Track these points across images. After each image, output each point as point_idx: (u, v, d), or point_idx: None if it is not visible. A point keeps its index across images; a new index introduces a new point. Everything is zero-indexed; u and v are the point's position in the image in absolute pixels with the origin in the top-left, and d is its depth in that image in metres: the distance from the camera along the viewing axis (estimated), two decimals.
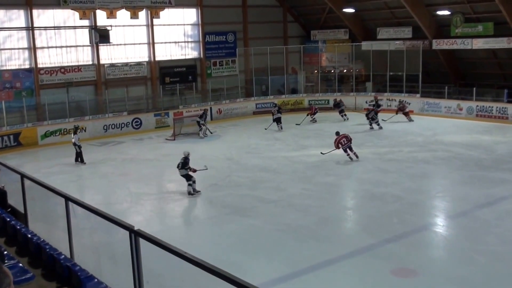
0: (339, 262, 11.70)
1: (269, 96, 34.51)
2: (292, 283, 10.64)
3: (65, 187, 6.87)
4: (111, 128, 28.44)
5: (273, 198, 16.37)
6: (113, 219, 5.32)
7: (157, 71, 32.33)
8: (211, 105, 32.06)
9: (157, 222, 15.24)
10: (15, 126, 26.05)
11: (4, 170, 8.95)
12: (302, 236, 13.20)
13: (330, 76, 36.65)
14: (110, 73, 30.61)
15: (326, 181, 18.24)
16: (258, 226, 14.00)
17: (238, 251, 12.26)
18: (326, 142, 23.66)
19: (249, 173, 19.61)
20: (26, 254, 6.24)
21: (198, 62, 34.23)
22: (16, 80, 27.69)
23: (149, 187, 18.85)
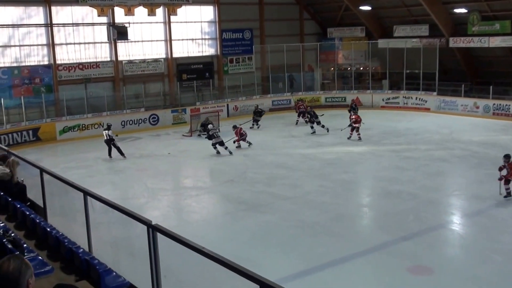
0: (355, 259, 11.68)
1: (285, 93, 34.51)
2: (307, 280, 10.66)
3: (83, 182, 6.94)
4: (128, 124, 28.64)
5: (289, 195, 16.38)
6: (131, 214, 5.38)
7: (174, 67, 32.45)
8: (227, 102, 32.15)
9: (173, 217, 15.34)
10: (34, 122, 26.35)
11: (23, 164, 9.06)
12: (318, 233, 13.21)
13: (346, 73, 36.53)
14: (127, 69, 30.80)
15: (342, 178, 18.22)
16: (274, 223, 14.03)
17: (253, 247, 12.30)
18: (342, 140, 23.65)
19: (265, 169, 19.64)
20: (45, 247, 6.32)
21: (215, 59, 34.30)
22: (35, 76, 27.99)
23: (166, 183, 18.97)
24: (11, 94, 27.09)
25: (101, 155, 22.19)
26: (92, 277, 5.27)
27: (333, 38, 37.25)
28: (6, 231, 5.88)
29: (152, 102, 30.85)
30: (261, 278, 3.85)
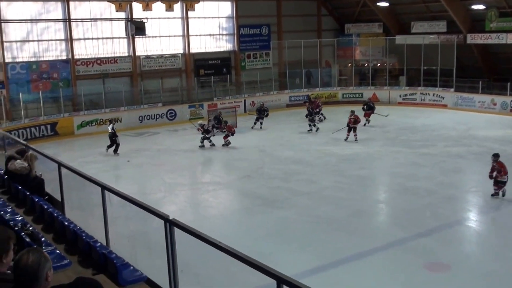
0: (371, 255, 11.63)
1: (302, 89, 34.41)
2: (322, 276, 10.64)
3: (100, 177, 6.99)
4: (146, 119, 28.78)
5: (305, 190, 16.37)
6: (148, 208, 5.40)
7: (191, 63, 32.52)
8: (245, 98, 32.16)
9: (190, 212, 15.40)
10: (52, 116, 26.59)
11: (41, 158, 9.14)
12: (334, 229, 13.19)
13: (363, 69, 36.34)
14: (145, 64, 30.94)
15: (359, 174, 18.15)
16: (290, 218, 14.03)
17: (270, 242, 12.30)
18: (358, 135, 23.50)
19: (281, 165, 19.62)
20: (63, 241, 6.35)
21: (232, 54, 34.32)
22: (53, 71, 28.23)
23: (183, 178, 19.05)
24: (29, 89, 27.34)
25: (120, 150, 22.30)
26: (109, 271, 5.29)
27: (350, 34, 37.07)
28: (25, 225, 5.94)
29: (169, 97, 30.95)
30: (278, 273, 3.84)
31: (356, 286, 10.24)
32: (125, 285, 5.09)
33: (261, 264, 4.03)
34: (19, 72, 27.25)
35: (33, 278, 3.21)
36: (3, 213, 6.49)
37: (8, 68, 26.90)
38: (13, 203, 7.88)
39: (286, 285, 3.77)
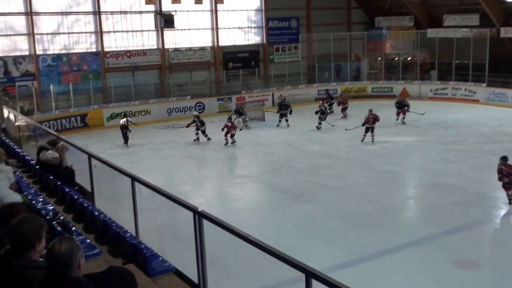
0: (399, 251, 11.53)
1: (331, 82, 34.18)
2: (349, 271, 10.53)
3: (128, 168, 7.01)
4: (174, 111, 28.93)
5: (333, 185, 16.27)
6: (177, 200, 5.41)
7: (220, 56, 32.56)
8: (273, 91, 32.08)
9: (218, 204, 15.42)
10: (82, 108, 26.92)
11: (72, 149, 9.24)
12: (362, 224, 13.06)
13: (394, 63, 35.88)
14: (174, 57, 31.06)
15: (388, 169, 17.95)
16: (317, 212, 13.96)
17: (297, 236, 12.24)
18: (388, 130, 23.29)
19: (309, 159, 19.54)
20: (93, 231, 6.43)
21: (261, 47, 34.23)
22: (83, 63, 28.54)
23: (211, 170, 19.11)
24: (60, 81, 27.70)
25: (147, 142, 22.49)
26: (139, 261, 5.33)
27: (381, 28, 36.60)
28: (56, 214, 6.00)
29: (198, 90, 31.04)
30: (307, 266, 3.82)
31: (384, 282, 10.14)
32: (154, 275, 5.13)
33: (291, 257, 4.00)
34: (49, 64, 27.62)
35: (66, 266, 3.25)
36: (35, 202, 6.57)
37: (39, 60, 27.29)
38: (44, 192, 7.99)
39: (314, 278, 3.75)
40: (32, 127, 14.08)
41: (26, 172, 9.55)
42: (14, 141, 13.42)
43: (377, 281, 10.14)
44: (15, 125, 15.62)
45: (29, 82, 26.90)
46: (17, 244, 3.60)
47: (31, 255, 3.62)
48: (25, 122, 15.04)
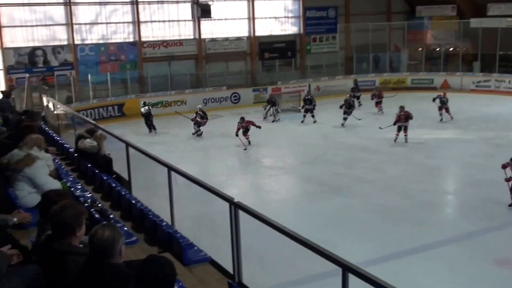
0: (437, 248, 11.25)
1: (369, 74, 33.72)
2: (385, 266, 10.32)
3: (164, 158, 7.04)
4: (210, 102, 29.00)
5: (370, 178, 16.03)
6: (214, 190, 5.39)
7: (256, 46, 32.46)
8: (309, 82, 31.84)
9: (252, 196, 15.35)
10: (119, 97, 27.23)
11: (109, 138, 9.32)
12: (399, 219, 12.83)
13: (435, 54, 35.12)
14: (210, 47, 31.12)
15: (427, 163, 17.59)
16: (353, 206, 13.77)
17: (331, 230, 12.09)
18: (427, 122, 22.85)
19: (345, 151, 19.33)
20: (130, 219, 6.47)
21: (298, 38, 33.98)
22: (120, 53, 28.85)
23: (245, 161, 19.09)
24: (97, 70, 28.07)
25: (182, 132, 22.58)
26: (174, 250, 5.34)
27: (422, 17, 35.83)
28: (94, 201, 6.06)
29: (233, 81, 31.04)
30: (344, 261, 3.78)
31: (421, 278, 9.95)
32: (189, 265, 5.14)
33: (326, 251, 3.96)
34: (87, 54, 28.00)
35: (108, 252, 3.32)
36: (73, 190, 6.64)
37: (78, 50, 27.70)
38: (82, 180, 8.08)
39: (351, 273, 3.71)
40: (71, 116, 14.28)
41: (65, 160, 9.69)
42: (53, 129, 13.63)
43: (413, 277, 9.95)
44: (54, 113, 15.86)
45: (68, 71, 27.35)
46: (58, 230, 3.67)
47: (71, 241, 3.68)
48: (64, 111, 15.26)
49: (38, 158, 5.97)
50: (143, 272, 2.98)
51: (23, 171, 5.82)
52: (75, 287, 3.36)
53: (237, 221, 5.05)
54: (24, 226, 5.09)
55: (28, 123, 7.19)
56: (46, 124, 14.45)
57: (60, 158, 9.65)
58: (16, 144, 6.19)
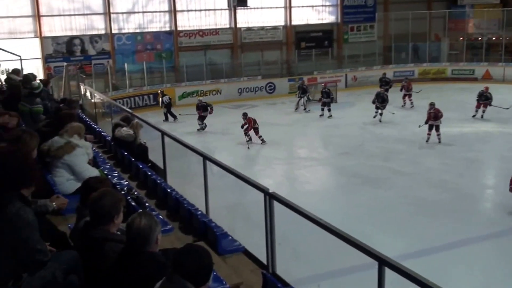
0: (476, 243, 11.03)
1: (408, 64, 33.13)
2: (422, 261, 10.13)
3: (199, 147, 7.05)
4: (245, 91, 29.00)
5: (407, 171, 15.79)
6: (249, 181, 5.37)
7: (292, 35, 32.27)
8: (346, 72, 31.51)
9: (286, 186, 15.30)
10: (155, 86, 27.43)
11: (145, 127, 9.38)
12: (437, 213, 12.59)
13: (476, 44, 34.25)
14: (246, 36, 31.07)
15: (467, 156, 17.23)
16: (389, 198, 13.58)
17: (367, 223, 11.92)
18: (469, 115, 22.36)
19: (383, 143, 19.07)
20: (165, 207, 6.50)
21: (335, 27, 33.64)
22: (156, 42, 29.08)
23: (280, 152, 19.01)
24: (134, 59, 28.37)
25: (217, 121, 22.62)
26: (209, 239, 5.34)
27: (463, 5, 35.05)
28: (130, 189, 6.09)
29: (269, 70, 30.95)
30: (380, 254, 3.74)
31: (458, 273, 9.76)
32: (224, 254, 5.15)
33: (363, 244, 3.91)
34: (124, 43, 28.31)
35: (145, 240, 3.34)
36: (110, 177, 6.69)
37: (115, 39, 28.02)
38: (119, 168, 8.15)
39: (388, 267, 3.66)
40: (107, 104, 14.44)
41: (102, 148, 9.79)
42: (90, 117, 13.81)
43: (451, 272, 9.76)
44: (91, 102, 16.07)
45: (105, 60, 27.72)
46: (97, 217, 3.70)
47: (109, 228, 3.72)
48: (101, 99, 15.45)
49: (78, 146, 6.04)
50: (180, 261, 2.98)
51: (62, 158, 5.90)
52: (112, 273, 3.39)
53: (272, 212, 5.03)
54: (62, 212, 5.15)
55: (68, 111, 7.26)
56: (83, 112, 14.65)
57: (97, 146, 9.76)
58: (56, 132, 6.26)
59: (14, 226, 3.44)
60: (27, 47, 24.76)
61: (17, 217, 3.45)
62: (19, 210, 3.47)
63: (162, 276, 3.08)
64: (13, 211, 3.45)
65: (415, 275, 3.44)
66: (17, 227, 3.44)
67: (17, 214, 3.46)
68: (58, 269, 3.62)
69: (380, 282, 3.73)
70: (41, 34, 26.52)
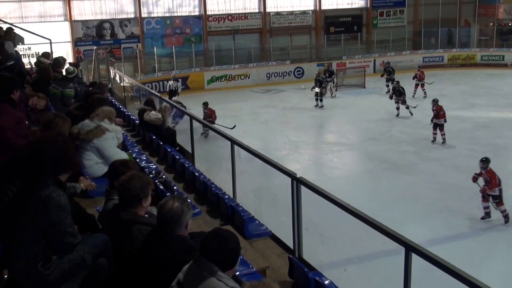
0: (505, 230, 10.93)
1: (438, 49, 32.61)
2: (450, 246, 10.11)
3: (226, 131, 7.09)
4: (273, 76, 28.93)
5: (435, 157, 15.65)
6: (276, 165, 5.39)
7: (321, 20, 32.01)
8: (375, 57, 31.18)
9: (313, 171, 15.30)
10: (183, 71, 27.53)
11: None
12: (465, 199, 12.45)
13: (506, 29, 33.53)
14: (275, 21, 30.93)
15: (495, 143, 16.97)
16: (417, 184, 13.50)
17: (394, 208, 11.88)
18: (498, 102, 21.97)
19: (410, 129, 18.89)
20: (193, 191, 6.56)
21: (365, 11, 33.26)
22: (186, 27, 29.14)
23: (308, 136, 18.99)
24: (163, 43, 28.50)
25: (246, 106, 22.66)
26: (236, 223, 5.39)
27: None
28: (158, 173, 6.16)
29: (297, 55, 30.79)
30: (407, 240, 3.73)
31: (486, 259, 9.69)
32: (251, 238, 5.18)
33: (390, 229, 3.91)
34: (154, 27, 28.44)
35: (175, 223, 3.37)
36: (139, 161, 6.77)
37: (144, 23, 28.16)
38: (147, 151, 8.23)
39: (414, 253, 3.66)
40: (136, 88, 14.57)
41: (130, 131, 9.88)
42: (119, 101, 13.94)
43: (478, 258, 9.70)
44: (121, 85, 16.22)
45: (134, 44, 27.89)
46: (125, 200, 3.75)
47: (137, 210, 3.76)
48: (130, 83, 15.58)
49: (108, 130, 6.09)
50: (208, 244, 3.00)
51: (92, 141, 5.96)
52: (140, 254, 3.44)
53: (299, 197, 5.04)
54: (91, 195, 5.23)
55: (100, 95, 7.34)
56: (112, 95, 14.79)
57: (126, 129, 9.86)
58: (87, 115, 6.33)
59: (46, 209, 3.49)
60: (57, 31, 24.96)
61: (50, 200, 3.51)
62: (52, 193, 3.52)
63: (190, 259, 3.11)
64: (46, 193, 3.51)
65: (442, 261, 3.44)
66: (49, 210, 3.49)
67: (49, 197, 3.51)
68: (87, 252, 3.66)
69: (406, 267, 3.74)
70: (71, 18, 26.80)
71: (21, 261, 3.51)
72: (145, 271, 3.38)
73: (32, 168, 3.69)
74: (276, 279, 4.43)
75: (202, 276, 2.97)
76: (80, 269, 3.67)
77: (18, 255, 3.52)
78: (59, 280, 3.59)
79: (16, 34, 11.79)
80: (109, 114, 6.33)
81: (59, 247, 3.59)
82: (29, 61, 16.38)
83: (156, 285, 3.27)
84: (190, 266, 3.08)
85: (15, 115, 5.76)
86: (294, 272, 4.43)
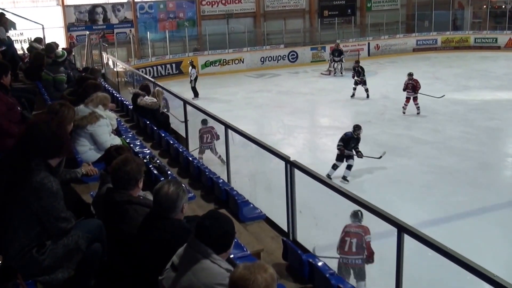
0: (496, 211, 11.01)
1: (432, 32, 32.57)
2: (443, 228, 10.17)
3: (221, 116, 7.09)
4: (267, 60, 28.86)
5: (429, 139, 15.71)
6: (270, 149, 5.42)
7: (315, 3, 31.90)
8: (369, 40, 31.11)
9: (308, 155, 15.32)
10: (177, 55, 27.43)
11: (167, 95, 9.43)
12: (458, 181, 12.56)
13: (500, 12, 33.48)
14: (269, 5, 30.80)
15: (488, 125, 17.06)
16: (411, 167, 13.56)
17: (388, 191, 11.96)
18: (491, 84, 22.03)
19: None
20: (187, 175, 6.57)
21: None
22: (179, 11, 28.97)
23: (302, 121, 18.99)
24: (156, 28, 28.37)
25: (240, 90, 22.64)
26: (230, 207, 5.42)
27: None
28: (152, 158, 6.17)
29: (291, 39, 30.70)
30: (399, 221, 3.79)
31: (478, 241, 9.73)
32: (245, 221, 5.21)
33: (382, 211, 3.96)
34: (147, 12, 28.28)
35: (171, 207, 3.42)
36: (133, 146, 6.78)
37: (137, 8, 27.99)
38: (141, 136, 8.23)
39: (406, 233, 3.71)
40: (130, 73, 14.52)
41: (124, 117, 9.86)
42: (112, 86, 13.91)
43: (470, 239, 9.74)
44: (114, 70, 16.17)
45: (127, 29, 27.73)
46: (120, 182, 3.77)
47: (133, 192, 3.80)
48: (123, 68, 15.52)
49: (102, 117, 6.08)
50: (203, 227, 3.03)
51: (86, 128, 5.96)
52: (136, 238, 3.48)
53: (293, 180, 5.08)
54: (84, 180, 5.25)
55: (95, 81, 7.30)
56: (106, 81, 14.75)
57: (120, 115, 9.84)
58: (81, 100, 6.32)
59: (38, 195, 3.52)
60: (49, 16, 24.77)
61: (42, 186, 3.53)
62: (43, 179, 3.55)
63: (185, 242, 3.14)
64: (38, 179, 3.53)
65: (434, 242, 3.48)
66: (41, 196, 3.52)
67: (41, 183, 3.53)
68: (81, 238, 3.69)
69: (399, 248, 3.78)
70: (63, 3, 26.60)
71: (16, 246, 3.54)
72: (141, 253, 3.42)
73: (24, 149, 3.71)
74: (270, 261, 4.47)
75: (196, 258, 3.00)
76: (74, 254, 3.71)
77: (12, 241, 3.55)
78: (54, 265, 3.64)
79: (7, 19, 11.71)
80: (104, 100, 6.31)
81: (53, 232, 3.62)
82: (22, 46, 16.31)
83: (152, 268, 3.30)
84: (184, 249, 3.11)
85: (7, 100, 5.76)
86: (288, 254, 4.48)
